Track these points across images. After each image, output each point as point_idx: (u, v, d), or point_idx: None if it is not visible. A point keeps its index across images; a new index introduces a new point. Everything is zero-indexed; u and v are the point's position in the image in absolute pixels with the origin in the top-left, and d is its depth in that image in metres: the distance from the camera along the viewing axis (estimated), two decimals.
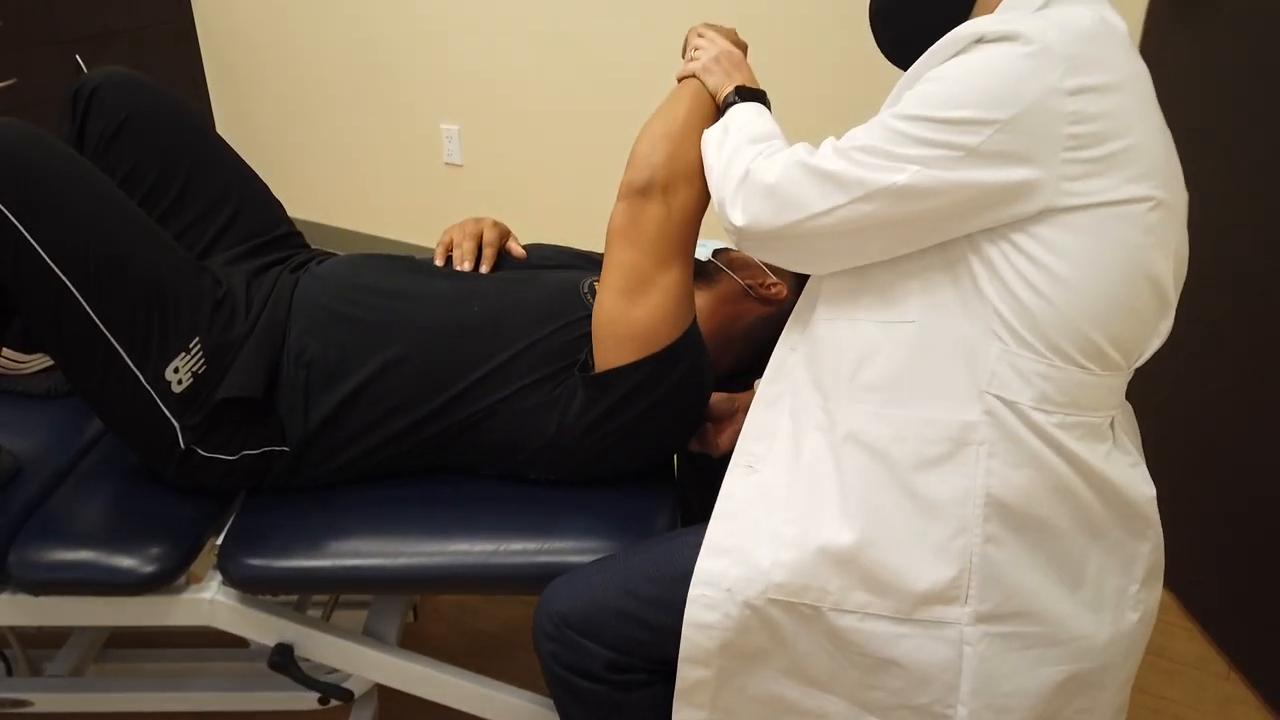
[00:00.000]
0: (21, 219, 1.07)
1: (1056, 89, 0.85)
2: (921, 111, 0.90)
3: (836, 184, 0.94)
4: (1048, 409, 0.92)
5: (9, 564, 1.17)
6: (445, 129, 2.87)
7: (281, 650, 1.24)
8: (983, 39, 0.89)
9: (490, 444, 1.23)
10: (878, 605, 0.96)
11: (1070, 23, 0.89)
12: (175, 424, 1.17)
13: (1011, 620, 0.95)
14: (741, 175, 1.01)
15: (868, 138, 0.93)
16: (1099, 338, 0.91)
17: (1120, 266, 0.90)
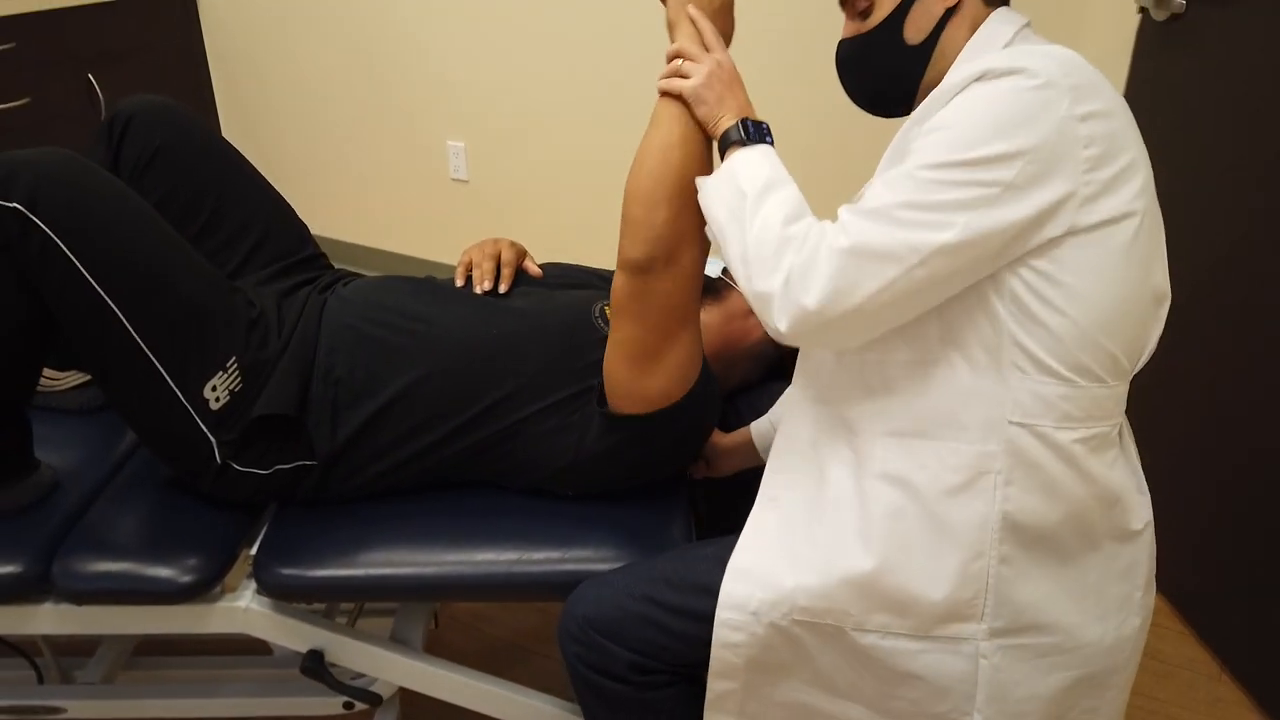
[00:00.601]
0: (68, 244, 1.12)
1: (1069, 116, 0.89)
2: (948, 157, 0.90)
3: (888, 258, 0.91)
4: (1070, 426, 0.96)
5: (53, 575, 1.22)
6: (451, 145, 2.92)
7: (313, 656, 1.29)
8: (983, 77, 0.92)
9: (512, 463, 1.29)
10: (898, 625, 1.02)
11: (1060, 56, 0.94)
12: (212, 440, 1.22)
13: (1024, 633, 1.00)
14: (782, 283, 0.94)
15: (901, 195, 0.91)
16: (1115, 349, 0.96)
17: (1130, 277, 0.95)
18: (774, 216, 0.96)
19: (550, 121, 2.75)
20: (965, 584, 0.99)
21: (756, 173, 1.02)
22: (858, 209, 0.93)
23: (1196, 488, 1.73)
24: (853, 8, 1.09)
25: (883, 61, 1.09)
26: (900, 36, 1.06)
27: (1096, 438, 0.98)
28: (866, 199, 0.93)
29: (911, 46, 1.06)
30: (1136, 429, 1.17)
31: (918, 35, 1.06)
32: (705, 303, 1.45)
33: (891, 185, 0.92)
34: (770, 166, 1.03)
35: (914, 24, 1.06)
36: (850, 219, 0.93)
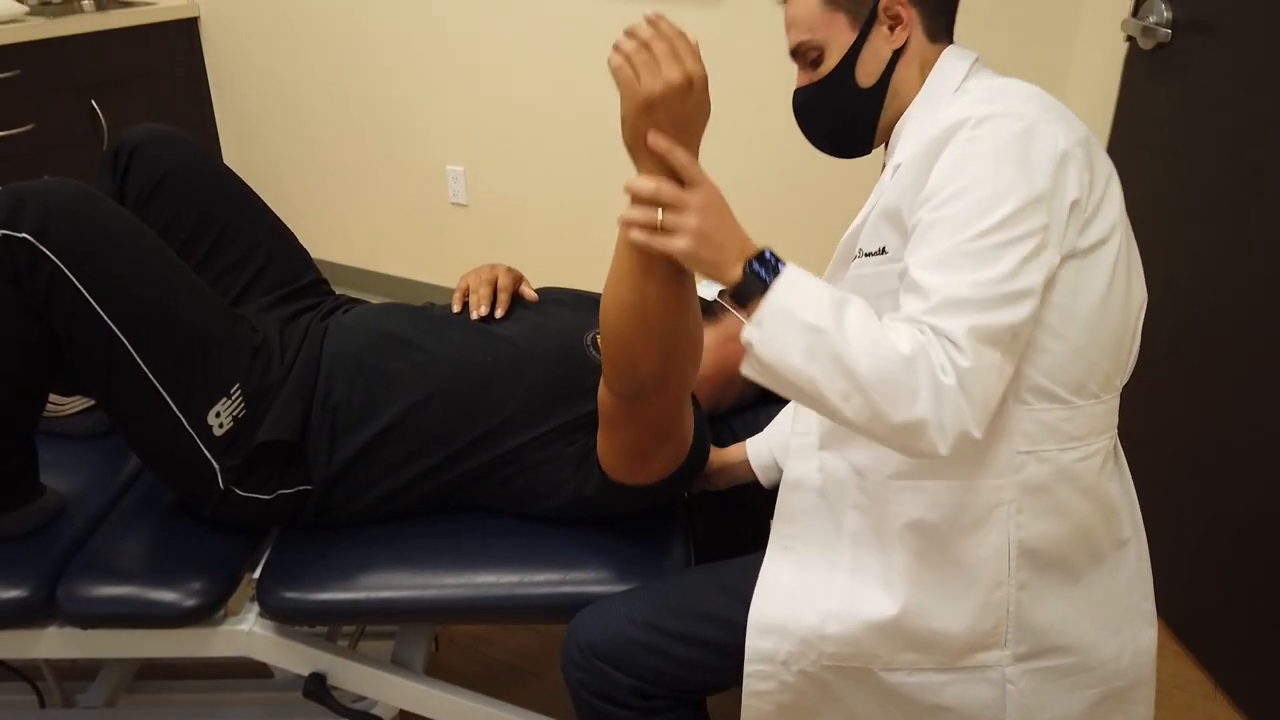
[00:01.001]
0: (76, 274, 1.14)
1: (1063, 150, 0.92)
2: (987, 221, 0.89)
3: (1005, 352, 0.89)
4: (1072, 445, 0.99)
5: (58, 599, 1.23)
6: (451, 170, 2.95)
7: (315, 679, 1.30)
8: (964, 125, 0.94)
9: (509, 491, 1.31)
10: (924, 661, 1.04)
11: (1026, 92, 0.97)
12: (215, 465, 1.23)
13: (1047, 655, 1.02)
14: (933, 412, 0.85)
15: (969, 274, 0.88)
16: (1108, 365, 0.99)
17: (1117, 292, 0.98)
18: (867, 336, 0.87)
19: (548, 146, 2.78)
20: (987, 614, 1.01)
21: (813, 300, 0.90)
22: (943, 309, 0.87)
23: (1192, 510, 1.74)
24: (804, 58, 1.11)
25: (838, 106, 1.11)
26: (853, 81, 1.09)
27: (1096, 453, 1.01)
28: (935, 291, 0.88)
29: (865, 90, 1.09)
30: (1133, 452, 1.19)
31: (869, 79, 1.08)
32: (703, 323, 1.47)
33: (953, 267, 0.89)
34: (816, 285, 0.92)
35: (864, 68, 1.08)
36: (952, 325, 0.87)
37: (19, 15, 2.71)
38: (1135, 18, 1.79)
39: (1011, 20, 2.13)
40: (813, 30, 1.09)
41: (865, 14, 1.07)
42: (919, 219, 0.94)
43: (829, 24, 1.08)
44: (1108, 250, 0.96)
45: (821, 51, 1.09)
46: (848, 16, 1.07)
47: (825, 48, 1.09)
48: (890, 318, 0.91)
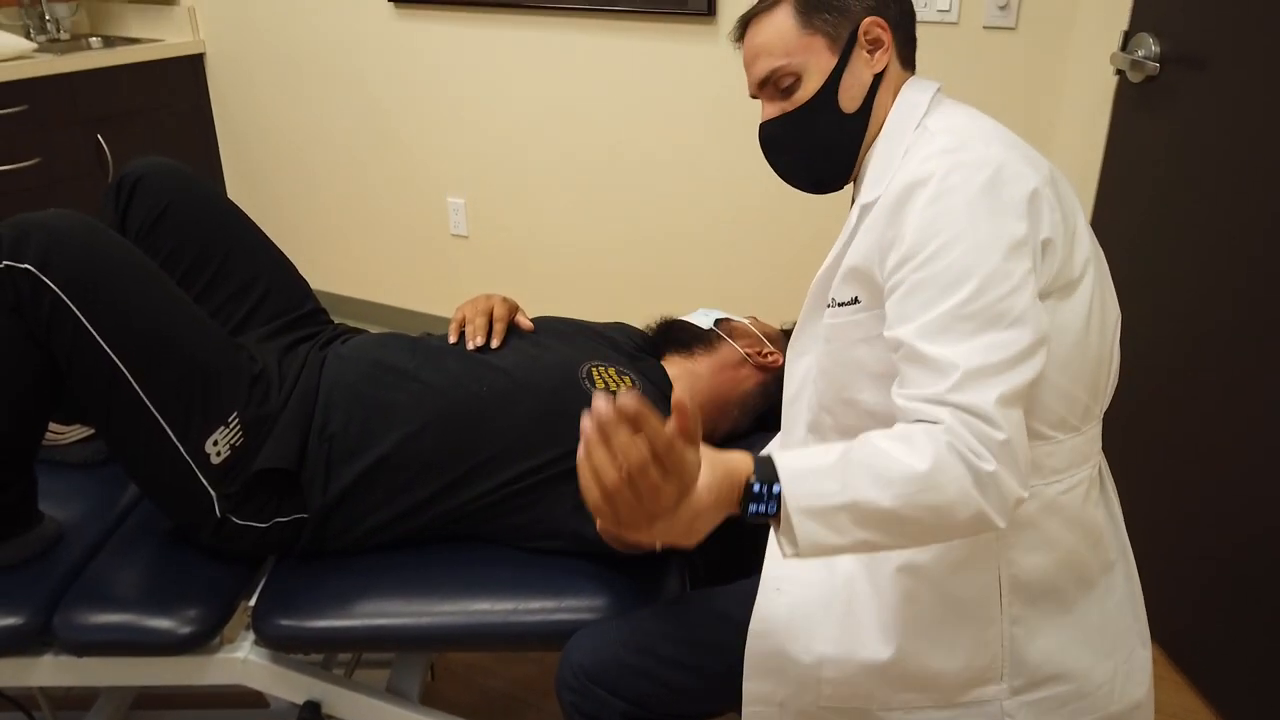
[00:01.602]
0: (78, 304, 1.16)
1: (1033, 189, 0.92)
2: (974, 283, 0.87)
3: (1019, 402, 0.87)
4: (1056, 479, 0.99)
5: (54, 626, 1.24)
6: (452, 202, 2.98)
7: (310, 707, 1.30)
8: (929, 180, 0.92)
9: (509, 529, 1.32)
10: (922, 699, 1.04)
11: (987, 131, 0.95)
12: (212, 493, 1.24)
13: (1044, 685, 1.02)
14: (981, 503, 0.83)
15: (975, 341, 0.86)
16: (1087, 397, 0.99)
17: (1094, 326, 0.98)
18: (885, 478, 0.83)
19: (549, 178, 2.81)
20: (982, 651, 1.01)
21: (823, 488, 0.84)
22: (967, 384, 0.85)
23: (1193, 539, 1.74)
24: (775, 87, 1.07)
25: (819, 135, 1.07)
26: (836, 107, 1.06)
27: (1080, 483, 1.01)
28: (952, 366, 0.85)
29: (849, 115, 1.06)
30: (1132, 480, 1.20)
31: (853, 104, 1.06)
32: (699, 352, 1.49)
33: (962, 335, 0.86)
34: (812, 466, 0.86)
35: (847, 93, 1.05)
36: (980, 400, 0.84)
37: (27, 52, 2.75)
38: (1124, 51, 1.82)
39: (1003, 54, 2.17)
40: (789, 55, 1.05)
41: (845, 37, 1.05)
42: (900, 279, 0.92)
43: (806, 48, 1.05)
44: (1084, 288, 0.96)
45: (798, 77, 1.06)
46: (826, 40, 1.05)
47: (803, 73, 1.06)
48: (902, 397, 0.88)
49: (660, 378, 1.45)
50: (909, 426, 0.86)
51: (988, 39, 2.17)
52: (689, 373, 1.47)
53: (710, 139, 2.53)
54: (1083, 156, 2.10)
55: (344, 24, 2.91)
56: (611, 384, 1.36)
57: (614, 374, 1.38)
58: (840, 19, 1.05)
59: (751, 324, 1.56)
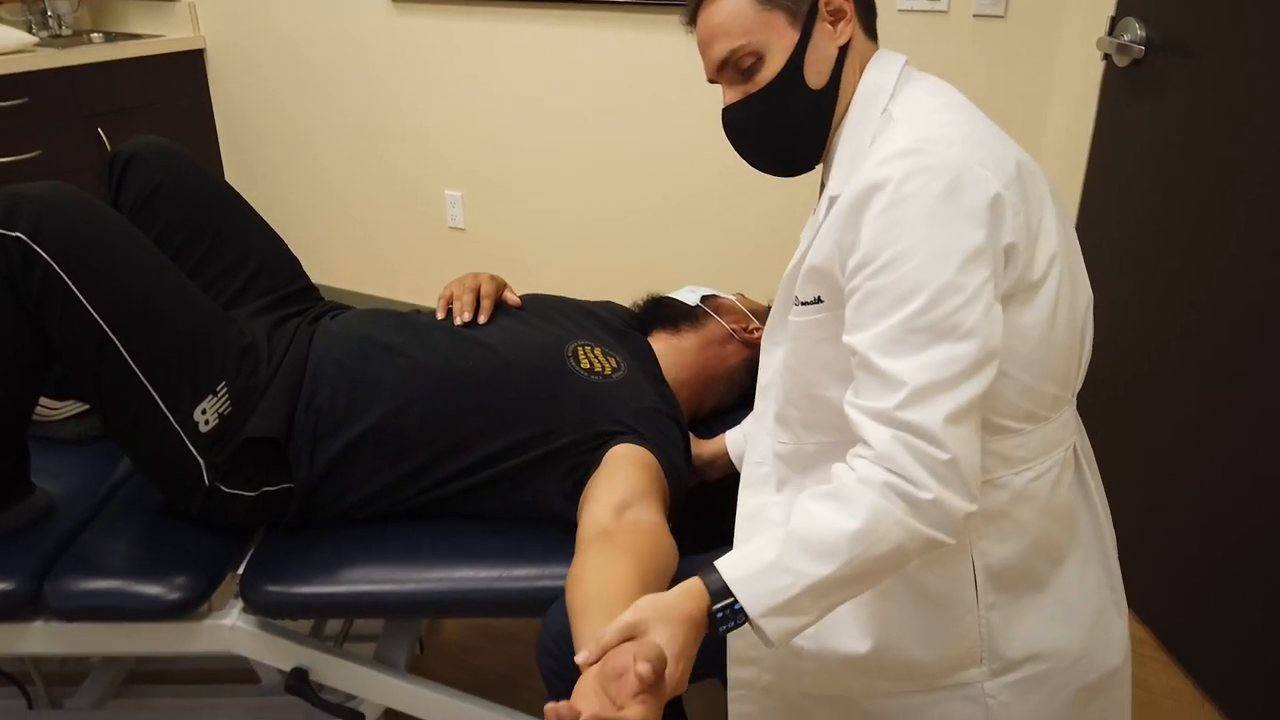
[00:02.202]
0: (69, 272, 1.18)
1: (994, 195, 0.89)
2: (928, 294, 0.86)
3: (973, 414, 0.88)
4: (1026, 467, 1.00)
5: (44, 593, 1.26)
6: (449, 195, 3.00)
7: (297, 674, 1.31)
8: (886, 185, 0.89)
9: (499, 510, 1.33)
10: (903, 686, 1.05)
11: (951, 131, 0.91)
12: (201, 462, 1.26)
13: (1023, 665, 1.03)
14: (930, 525, 0.86)
15: (921, 356, 0.87)
16: (1057, 389, 1.00)
17: (1062, 320, 0.97)
18: (827, 544, 0.87)
19: (545, 171, 2.84)
20: (960, 640, 1.02)
21: (776, 582, 0.88)
22: (914, 401, 0.86)
23: (1180, 521, 1.75)
24: (735, 69, 1.02)
25: (787, 114, 1.03)
26: (803, 84, 1.01)
27: (1050, 469, 1.02)
28: (900, 383, 0.86)
29: (817, 91, 1.02)
30: (1117, 465, 1.20)
31: (819, 79, 1.01)
32: (685, 329, 1.50)
33: (912, 348, 0.87)
34: (761, 566, 0.89)
35: (813, 68, 1.01)
36: (926, 417, 0.85)
37: (28, 45, 2.78)
38: (1111, 35, 1.84)
39: (993, 42, 2.18)
40: (748, 34, 1.00)
41: (805, 10, 1.00)
42: (856, 285, 0.91)
43: (766, 25, 1.00)
44: (1048, 287, 0.94)
45: (760, 56, 1.01)
46: (786, 15, 1.00)
47: (764, 51, 1.00)
48: (852, 406, 0.90)
49: (647, 354, 1.47)
50: (843, 480, 0.89)
51: (978, 27, 2.18)
52: (675, 349, 1.49)
53: (707, 131, 2.55)
54: (1072, 143, 2.11)
55: (343, 19, 2.93)
56: (597, 364, 1.37)
57: (600, 354, 1.40)
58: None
59: (738, 300, 1.57)
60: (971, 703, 1.04)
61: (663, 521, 1.15)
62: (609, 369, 1.36)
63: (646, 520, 1.13)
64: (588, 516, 1.15)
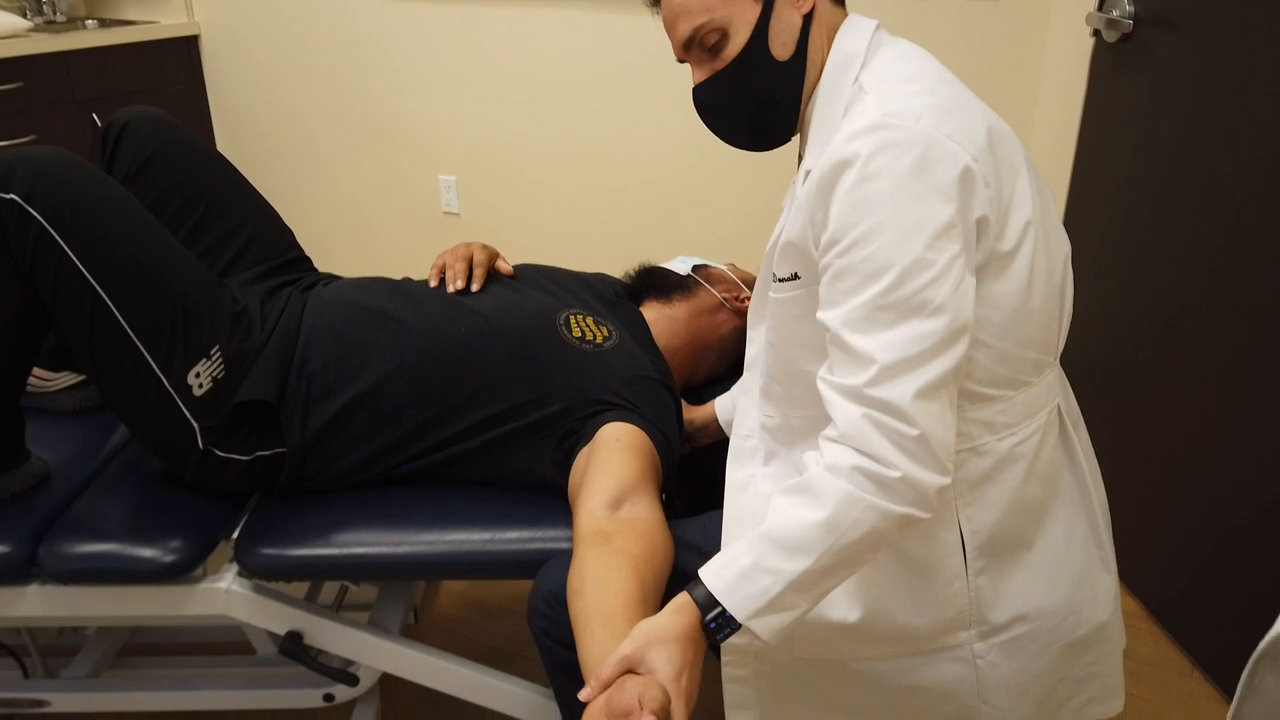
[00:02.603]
0: (62, 234, 1.18)
1: (963, 168, 0.88)
2: (897, 271, 0.86)
3: (945, 387, 0.87)
4: (1010, 432, 1.00)
5: (39, 557, 1.26)
6: (443, 180, 3.01)
7: (291, 637, 1.32)
8: (854, 162, 0.89)
9: (486, 479, 1.35)
10: (894, 650, 1.06)
11: (919, 101, 0.90)
12: (195, 425, 1.27)
13: (1011, 626, 1.04)
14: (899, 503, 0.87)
15: (891, 332, 0.87)
16: (1037, 353, 1.00)
17: (1039, 285, 0.97)
18: (800, 549, 0.88)
19: (540, 156, 2.84)
20: (949, 605, 1.03)
21: (755, 580, 0.90)
22: (884, 378, 0.86)
23: (1167, 494, 1.76)
24: (701, 47, 1.02)
25: (755, 88, 1.03)
26: (769, 56, 1.01)
27: (1035, 432, 1.02)
28: (870, 359, 0.87)
29: (784, 63, 1.01)
30: (1106, 437, 1.21)
31: (785, 50, 1.01)
32: (676, 298, 1.51)
33: (882, 325, 0.87)
34: (733, 564, 0.91)
35: (778, 39, 1.01)
36: (896, 394, 0.86)
37: (22, 30, 2.78)
38: (1100, 11, 1.85)
39: (985, 22, 2.19)
40: (709, 10, 1.00)
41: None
42: (828, 262, 0.91)
43: (726, 0, 1.00)
44: (1022, 256, 0.94)
45: (724, 32, 1.00)
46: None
47: (728, 26, 1.00)
48: (825, 383, 0.90)
49: (638, 323, 1.48)
50: (810, 471, 0.90)
51: (969, 8, 2.19)
52: (667, 318, 1.50)
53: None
54: (1062, 118, 2.12)
55: (337, 5, 2.94)
56: (588, 333, 1.38)
57: (591, 322, 1.41)
58: None
59: (730, 270, 1.58)
60: (961, 664, 1.05)
61: (659, 513, 1.15)
62: (600, 337, 1.37)
63: (642, 516, 1.13)
64: (584, 511, 1.14)
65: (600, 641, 0.95)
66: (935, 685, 1.06)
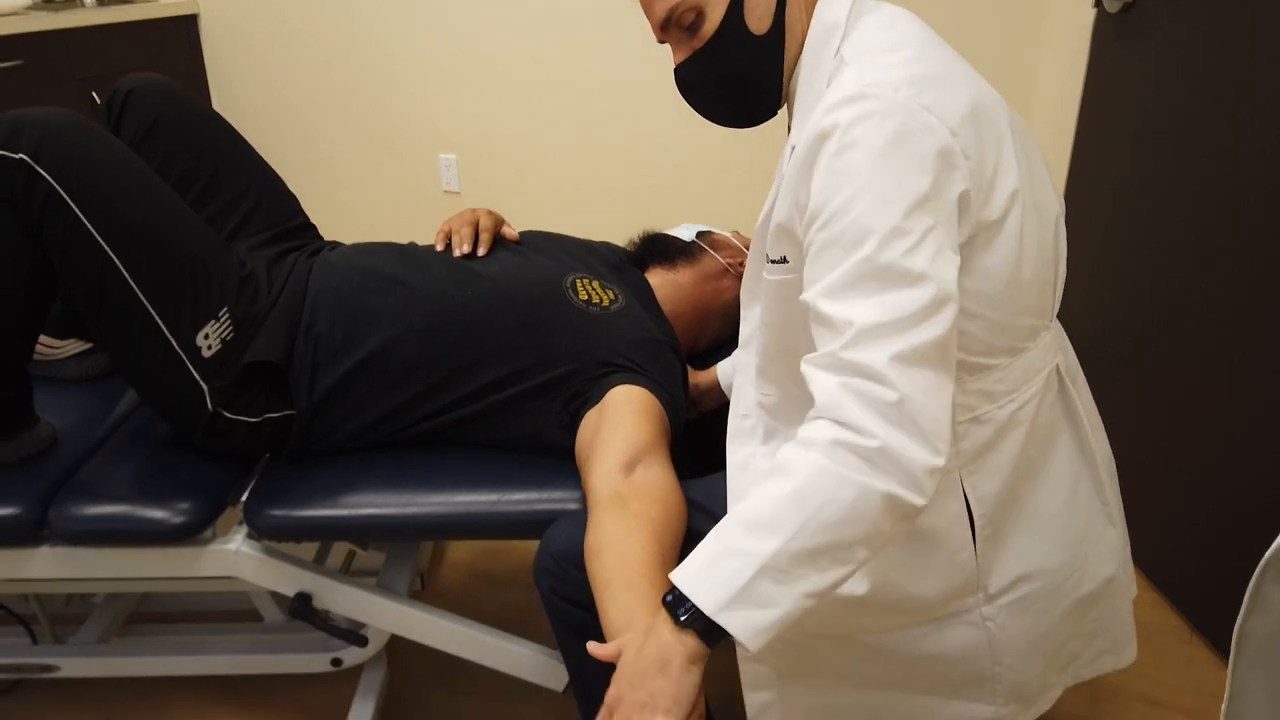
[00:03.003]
0: (70, 194, 1.18)
1: (941, 145, 0.87)
2: (876, 239, 0.84)
3: (932, 353, 0.84)
4: (1010, 399, 1.00)
5: (49, 519, 1.27)
6: (444, 159, 3.01)
7: (300, 598, 1.33)
8: (833, 133, 0.88)
9: (493, 441, 1.35)
10: (903, 621, 1.06)
11: (899, 72, 0.89)
12: (204, 387, 1.27)
13: (1018, 586, 1.05)
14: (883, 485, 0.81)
15: (872, 299, 0.84)
16: (1032, 319, 1.00)
17: (1031, 255, 0.96)
18: (771, 523, 0.83)
19: (541, 134, 2.84)
20: (956, 573, 1.03)
21: (722, 565, 0.85)
22: (860, 341, 0.83)
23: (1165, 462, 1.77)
24: (679, 26, 1.02)
25: (736, 64, 1.02)
26: (746, 31, 1.00)
27: (1036, 394, 1.02)
28: (847, 323, 0.84)
29: (761, 37, 1.00)
30: (1112, 407, 1.21)
31: (762, 24, 1.00)
32: (681, 264, 1.52)
33: (860, 292, 0.85)
34: (700, 555, 0.87)
35: (753, 14, 1.00)
36: (872, 357, 0.82)
37: (21, 8, 2.78)
38: None
39: None
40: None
41: None
42: (810, 240, 0.90)
43: None
44: (1010, 223, 0.93)
45: (699, 10, 1.00)
46: None
47: (703, 5, 1.00)
48: (805, 360, 0.89)
49: (644, 289, 1.48)
50: (784, 453, 0.86)
51: None
52: (671, 283, 1.50)
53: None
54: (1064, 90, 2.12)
55: None
56: (595, 296, 1.39)
57: (598, 286, 1.41)
58: None
59: (734, 236, 1.59)
60: (971, 628, 1.06)
61: (672, 475, 1.16)
62: (607, 300, 1.38)
63: (657, 479, 1.14)
64: (598, 474, 1.14)
65: (624, 603, 0.96)
66: (948, 651, 1.07)
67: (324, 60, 3.07)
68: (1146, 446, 1.81)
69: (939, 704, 1.10)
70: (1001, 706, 1.08)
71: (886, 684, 1.11)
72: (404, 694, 1.62)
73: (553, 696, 1.46)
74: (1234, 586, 1.64)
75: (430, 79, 2.92)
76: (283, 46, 3.12)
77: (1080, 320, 1.93)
